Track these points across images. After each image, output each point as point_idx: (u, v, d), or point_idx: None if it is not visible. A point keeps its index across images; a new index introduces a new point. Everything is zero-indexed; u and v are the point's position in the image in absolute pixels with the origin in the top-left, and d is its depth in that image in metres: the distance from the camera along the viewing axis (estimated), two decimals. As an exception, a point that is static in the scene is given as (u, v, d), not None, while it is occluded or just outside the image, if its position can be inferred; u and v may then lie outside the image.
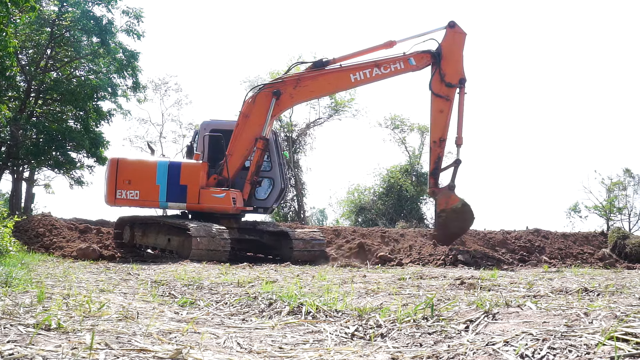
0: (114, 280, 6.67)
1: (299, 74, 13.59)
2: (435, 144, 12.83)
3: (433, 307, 3.67)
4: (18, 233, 13.54)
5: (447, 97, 12.71)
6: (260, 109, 13.08)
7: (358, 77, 12.94)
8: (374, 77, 13.03)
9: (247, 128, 13.09)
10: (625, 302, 3.97)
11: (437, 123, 12.79)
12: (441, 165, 12.92)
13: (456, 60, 12.76)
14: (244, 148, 13.12)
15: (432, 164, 12.93)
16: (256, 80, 36.41)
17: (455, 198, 12.65)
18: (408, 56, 12.88)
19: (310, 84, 13.15)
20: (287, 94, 13.12)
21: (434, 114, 12.82)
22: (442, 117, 12.73)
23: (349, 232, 15.80)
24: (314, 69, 13.21)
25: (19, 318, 3.35)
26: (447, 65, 12.75)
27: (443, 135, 12.75)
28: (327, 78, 13.16)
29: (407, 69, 13.05)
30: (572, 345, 2.52)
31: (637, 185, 40.67)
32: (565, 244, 14.74)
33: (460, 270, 10.09)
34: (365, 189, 36.72)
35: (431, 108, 12.85)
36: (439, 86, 12.75)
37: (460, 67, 12.75)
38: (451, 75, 12.73)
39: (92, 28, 22.25)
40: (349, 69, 12.99)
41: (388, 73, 13.05)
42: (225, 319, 4.03)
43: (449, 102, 12.71)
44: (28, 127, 22.88)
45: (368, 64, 12.99)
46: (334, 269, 9.96)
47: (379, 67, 12.89)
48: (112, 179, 12.91)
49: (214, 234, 11.69)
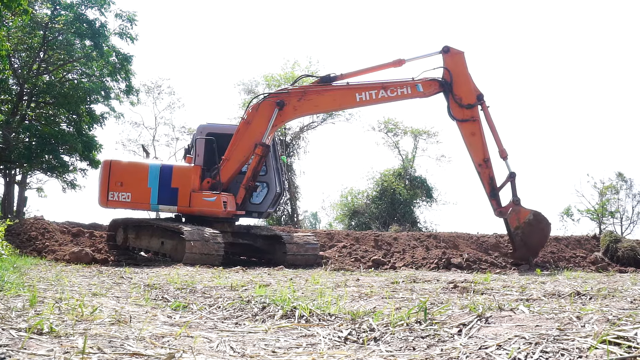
0: (106, 284, 6.64)
1: (305, 87, 13.48)
2: (482, 166, 12.44)
3: (426, 311, 3.68)
4: (10, 237, 13.48)
5: (472, 118, 12.44)
6: (262, 117, 13.04)
7: (364, 97, 12.74)
8: (380, 99, 12.83)
9: (247, 135, 13.06)
10: (618, 305, 3.99)
11: (475, 146, 12.46)
12: (496, 184, 12.47)
13: (466, 81, 12.52)
14: (242, 154, 13.09)
15: (487, 186, 12.49)
16: (250, 83, 36.47)
17: (525, 211, 12.26)
18: (416, 82, 12.65)
19: (315, 98, 13.01)
20: (290, 106, 13.01)
21: (467, 139, 12.50)
22: (477, 139, 12.44)
23: (342, 235, 15.80)
24: (321, 84, 13.07)
25: (11, 322, 3.34)
26: (459, 89, 12.51)
27: (485, 156, 12.41)
28: (333, 94, 12.99)
29: (414, 95, 12.84)
30: (564, 349, 2.53)
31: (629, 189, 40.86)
32: (557, 247, 14.78)
33: (453, 274, 10.11)
34: (359, 193, 36.74)
35: (462, 136, 12.54)
36: (460, 112, 12.49)
37: (472, 85, 12.53)
38: (467, 96, 12.49)
39: (85, 31, 22.23)
40: (355, 88, 12.82)
41: (394, 97, 12.84)
42: (218, 322, 4.02)
43: (477, 123, 12.43)
44: (20, 131, 22.83)
45: (375, 85, 12.78)
46: (328, 273, 9.96)
47: (385, 90, 12.68)
48: (105, 181, 12.98)
49: (207, 238, 11.66)
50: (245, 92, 36.56)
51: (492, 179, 12.43)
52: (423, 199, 36.07)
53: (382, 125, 37.04)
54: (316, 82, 13.26)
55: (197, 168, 13.09)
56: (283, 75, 35.64)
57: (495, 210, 12.53)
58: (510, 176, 12.39)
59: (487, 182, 12.45)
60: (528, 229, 12.16)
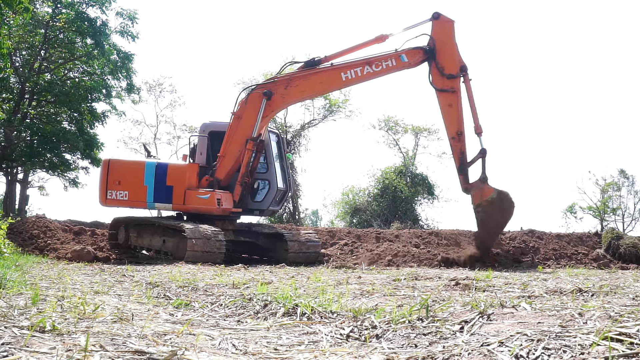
0: (108, 282, 6.65)
1: (290, 74, 13.44)
2: (454, 139, 12.20)
3: (428, 308, 3.68)
4: (12, 235, 13.48)
5: (452, 89, 12.20)
6: (251, 109, 13.00)
7: (349, 75, 12.59)
8: (365, 75, 12.66)
9: (240, 129, 13.05)
10: (619, 302, 3.99)
11: (450, 118, 12.24)
12: (467, 159, 12.20)
13: (451, 50, 12.28)
14: (236, 150, 13.07)
15: (457, 160, 12.24)
16: (250, 81, 36.36)
17: (490, 189, 11.91)
18: (399, 53, 12.47)
19: (301, 83, 12.96)
20: (278, 94, 12.99)
21: (444, 109, 12.28)
22: (454, 111, 12.20)
23: (344, 233, 15.80)
24: (306, 69, 13.00)
25: (13, 320, 3.34)
26: (443, 58, 12.27)
27: (459, 129, 12.16)
28: (318, 77, 12.90)
29: (399, 67, 12.63)
30: (566, 346, 2.52)
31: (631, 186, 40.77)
32: (559, 244, 14.77)
33: (455, 271, 10.11)
34: (360, 190, 36.70)
35: (440, 105, 12.33)
36: (440, 81, 12.25)
37: (456, 55, 12.28)
38: (450, 66, 12.25)
39: (86, 29, 22.21)
40: (339, 68, 12.69)
41: (380, 71, 12.66)
42: (220, 320, 4.03)
43: (455, 94, 12.19)
44: (22, 129, 22.83)
45: (359, 62, 12.63)
46: (329, 270, 9.96)
47: (370, 65, 12.53)
48: (104, 180, 13.12)
49: (209, 236, 11.68)
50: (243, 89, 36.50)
51: (463, 153, 12.19)
52: (424, 196, 36.02)
53: (382, 123, 36.99)
54: (301, 68, 13.19)
55: (192, 166, 13.13)
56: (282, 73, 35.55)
57: (462, 186, 12.30)
58: (481, 153, 12.11)
59: (458, 156, 12.22)
60: (489, 208, 11.79)
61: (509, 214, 12.08)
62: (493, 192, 11.84)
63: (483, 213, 11.88)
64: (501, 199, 11.84)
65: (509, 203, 11.97)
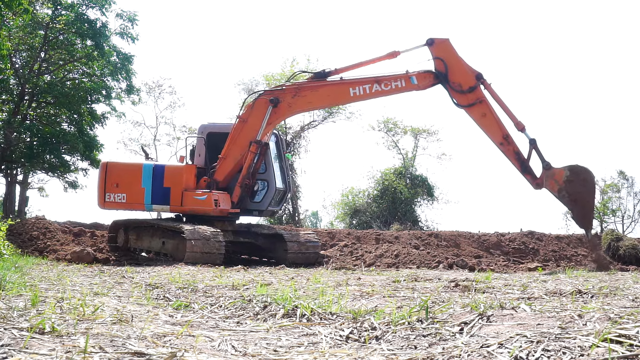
0: (108, 284, 6.65)
1: (298, 83, 13.40)
2: (503, 144, 12.06)
3: (427, 310, 3.68)
4: (12, 236, 13.48)
5: (478, 100, 12.12)
6: (257, 114, 13.01)
7: (357, 92, 12.58)
8: (374, 93, 12.68)
9: (244, 133, 13.06)
10: (619, 304, 3.98)
11: (489, 126, 12.13)
12: (524, 158, 12.01)
13: (459, 65, 12.24)
14: (238, 152, 13.09)
15: (516, 163, 12.05)
16: (251, 83, 36.42)
17: (559, 170, 11.74)
18: (410, 75, 12.42)
19: (309, 94, 12.91)
20: (285, 103, 12.95)
21: (480, 121, 12.16)
22: (490, 119, 12.11)
23: (343, 234, 15.80)
24: (315, 80, 12.96)
25: (13, 322, 3.34)
26: (455, 75, 12.22)
27: (504, 132, 12.04)
28: (327, 90, 12.86)
29: (408, 88, 12.61)
30: (566, 347, 2.53)
31: (630, 187, 40.76)
32: (559, 246, 14.77)
33: (455, 273, 10.11)
34: (360, 192, 36.68)
35: (474, 120, 12.21)
36: (463, 97, 12.17)
37: (467, 67, 12.24)
38: (465, 80, 12.19)
39: (86, 31, 22.21)
40: (348, 83, 12.65)
41: (388, 91, 12.67)
42: (219, 321, 4.03)
43: (484, 103, 12.10)
44: (22, 130, 22.81)
45: (369, 79, 12.60)
46: (329, 272, 9.96)
47: (379, 84, 12.50)
48: (102, 183, 13.15)
49: (208, 237, 11.68)
50: (245, 91, 36.47)
51: (518, 153, 12.01)
52: (424, 197, 36.01)
53: (382, 124, 36.97)
54: (310, 78, 13.16)
55: (189, 167, 13.15)
56: (282, 75, 35.63)
57: (532, 184, 12.04)
58: (532, 143, 11.94)
59: (514, 158, 12.03)
60: (571, 186, 11.63)
61: (591, 182, 12.05)
62: (564, 171, 11.74)
63: (568, 194, 11.71)
64: (576, 172, 11.77)
65: (585, 172, 11.89)
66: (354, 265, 12.19)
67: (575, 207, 11.84)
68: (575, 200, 11.73)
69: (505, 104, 12.11)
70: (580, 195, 11.69)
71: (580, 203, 11.75)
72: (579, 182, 11.70)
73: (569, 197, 11.70)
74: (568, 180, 11.64)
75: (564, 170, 11.74)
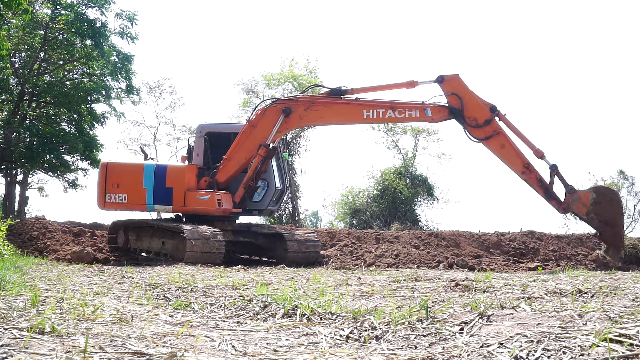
0: (108, 284, 6.65)
1: (314, 97, 13.38)
2: (525, 173, 12.06)
3: (428, 309, 3.68)
4: (11, 236, 13.49)
5: (495, 132, 12.11)
6: (268, 121, 13.00)
7: (371, 114, 12.60)
8: (387, 118, 12.87)
9: (251, 137, 13.03)
10: (619, 303, 3.98)
11: (509, 157, 12.14)
12: (547, 184, 12.02)
13: (472, 100, 12.25)
14: (243, 156, 13.08)
15: (540, 190, 12.06)
16: (250, 83, 36.47)
17: (585, 193, 11.77)
18: (425, 106, 12.41)
19: (322, 109, 12.88)
20: (296, 114, 12.92)
21: (499, 153, 12.17)
22: (509, 149, 12.12)
23: (343, 234, 15.80)
24: (330, 96, 12.94)
25: (13, 322, 3.34)
26: (469, 110, 12.21)
27: (524, 161, 12.04)
28: (340, 108, 12.84)
29: (421, 119, 12.73)
30: (566, 347, 2.52)
31: (630, 186, 40.74)
32: (559, 245, 14.78)
33: (455, 272, 10.11)
34: (360, 191, 36.69)
35: (493, 152, 12.22)
36: (480, 131, 12.17)
37: (480, 101, 12.25)
38: (480, 114, 12.19)
39: (85, 31, 22.20)
40: (363, 105, 12.66)
41: (401, 118, 12.85)
42: (219, 321, 4.03)
43: (501, 134, 12.11)
44: (21, 130, 22.81)
45: (384, 104, 12.62)
46: (329, 271, 9.96)
47: (394, 110, 12.50)
48: (102, 183, 13.08)
49: (208, 237, 11.68)
50: (245, 91, 36.57)
51: (541, 180, 12.02)
52: (424, 197, 36.02)
53: (382, 124, 36.95)
54: (325, 94, 13.13)
55: (191, 167, 13.14)
56: (282, 74, 35.65)
57: (558, 209, 12.06)
58: (552, 169, 11.94)
59: (538, 186, 12.04)
60: (599, 208, 11.62)
61: (618, 202, 12.09)
62: (590, 193, 11.77)
63: (597, 216, 11.70)
64: (602, 194, 11.83)
65: (610, 192, 12.02)
66: (354, 265, 12.19)
67: (606, 229, 11.79)
68: (606, 222, 11.71)
69: (521, 133, 12.11)
70: (610, 217, 11.69)
71: (611, 224, 11.73)
72: (606, 203, 11.70)
73: (597, 219, 11.69)
74: (595, 202, 11.63)
75: (589, 193, 11.77)
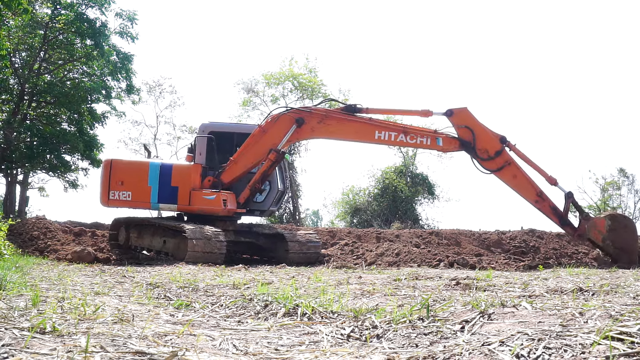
0: (109, 283, 6.65)
1: (328, 111, 13.35)
2: (538, 202, 12.11)
3: (429, 308, 3.68)
4: (12, 236, 13.49)
5: (507, 163, 12.20)
6: (279, 129, 12.97)
7: (383, 136, 12.66)
8: (397, 142, 12.99)
9: (261, 142, 13.00)
10: (620, 301, 3.98)
11: (522, 186, 12.20)
12: (561, 211, 12.11)
13: (483, 132, 12.32)
14: (250, 160, 13.05)
15: (554, 217, 12.12)
16: (250, 82, 36.51)
17: (600, 220, 11.87)
18: (437, 135, 12.52)
19: (334, 124, 12.88)
20: (309, 125, 12.91)
21: (511, 183, 12.24)
22: (521, 179, 12.19)
23: (344, 233, 15.80)
24: (344, 112, 12.99)
25: (14, 322, 3.34)
26: (480, 143, 12.29)
27: (537, 190, 12.10)
28: (353, 126, 12.85)
29: (431, 147, 12.81)
30: (567, 345, 2.52)
31: (631, 184, 40.76)
32: (560, 244, 14.77)
33: (456, 271, 10.11)
34: (360, 190, 36.72)
35: (505, 183, 12.30)
36: (491, 163, 12.26)
37: (490, 133, 12.32)
38: (491, 145, 12.27)
39: (85, 30, 22.19)
40: (376, 126, 12.73)
41: (413, 144, 12.97)
42: (220, 321, 4.03)
43: (512, 165, 12.19)
44: (22, 130, 22.83)
45: (397, 127, 12.82)
46: (330, 271, 9.96)
47: (405, 135, 12.59)
48: (106, 180, 13.03)
49: (209, 236, 11.67)
50: (244, 90, 36.61)
51: (555, 208, 12.09)
52: (425, 196, 36.05)
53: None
54: (340, 110, 13.16)
55: (197, 166, 13.11)
56: (282, 73, 35.66)
57: (573, 236, 12.22)
58: (568, 196, 12.07)
59: (552, 214, 12.10)
60: (613, 235, 11.69)
61: (633, 228, 12.11)
62: (605, 220, 11.83)
63: (612, 243, 11.76)
64: (618, 220, 11.91)
65: (625, 219, 12.15)
66: (355, 264, 12.19)
67: (622, 256, 11.76)
68: (622, 248, 11.74)
69: (533, 162, 12.16)
70: (626, 243, 11.73)
71: (627, 250, 11.75)
72: (622, 229, 11.77)
73: (614, 245, 11.73)
74: (611, 229, 11.68)
75: (605, 220, 11.83)
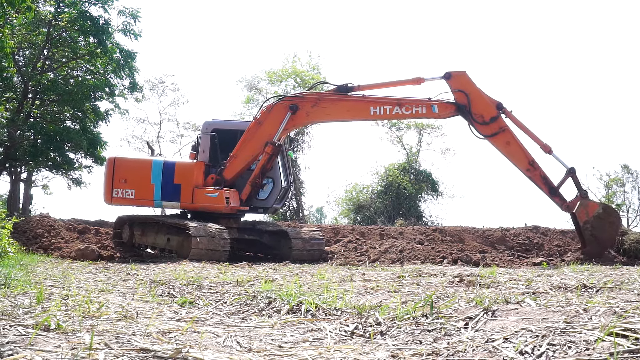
0: (113, 281, 6.66)
1: (320, 94, 13.37)
2: (530, 170, 12.10)
3: (432, 305, 3.67)
4: (16, 234, 13.51)
5: (501, 129, 12.16)
6: (274, 118, 12.98)
7: (378, 111, 12.62)
8: (394, 115, 12.83)
9: (258, 134, 13.01)
10: (624, 298, 3.97)
11: (514, 154, 12.17)
12: (551, 182, 12.09)
13: (479, 97, 12.27)
14: (250, 153, 13.06)
15: (543, 187, 12.12)
16: (253, 80, 36.46)
17: (594, 204, 11.94)
18: (432, 102, 12.45)
19: (329, 106, 12.89)
20: (303, 111, 12.90)
21: (504, 149, 12.19)
22: (514, 147, 12.16)
23: (347, 230, 15.81)
24: (337, 93, 12.97)
25: (18, 319, 3.35)
26: (476, 107, 12.24)
27: (529, 159, 12.09)
28: (347, 105, 12.84)
29: (428, 115, 12.79)
30: (571, 342, 2.52)
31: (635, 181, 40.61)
32: (563, 240, 14.77)
33: (459, 268, 10.10)
34: (364, 187, 36.69)
35: (498, 149, 12.25)
36: (486, 128, 12.21)
37: (487, 98, 12.28)
38: (487, 110, 12.22)
39: (88, 28, 22.19)
40: (370, 102, 12.66)
41: (408, 115, 12.85)
42: (224, 318, 4.03)
43: (507, 131, 12.15)
44: (25, 128, 22.85)
45: (391, 100, 12.63)
46: (333, 268, 9.96)
47: (400, 107, 12.53)
48: (109, 178, 13.06)
49: (213, 234, 11.69)
50: (247, 88, 36.57)
51: (545, 177, 12.07)
52: (428, 193, 36.00)
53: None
54: (332, 91, 13.12)
55: (200, 164, 13.12)
56: (285, 71, 35.62)
57: (561, 206, 12.09)
58: (570, 171, 12.00)
59: (542, 183, 12.09)
60: (597, 222, 11.72)
61: (617, 227, 12.15)
62: (598, 207, 11.90)
63: (592, 229, 11.80)
64: (608, 213, 11.92)
65: (615, 215, 12.11)
66: (359, 261, 12.20)
67: (594, 244, 11.85)
68: (597, 238, 11.80)
69: (528, 129, 12.16)
70: (604, 235, 11.79)
71: (601, 242, 11.83)
72: (607, 222, 11.80)
73: (591, 232, 11.78)
74: (598, 217, 11.72)
75: (597, 205, 11.94)
